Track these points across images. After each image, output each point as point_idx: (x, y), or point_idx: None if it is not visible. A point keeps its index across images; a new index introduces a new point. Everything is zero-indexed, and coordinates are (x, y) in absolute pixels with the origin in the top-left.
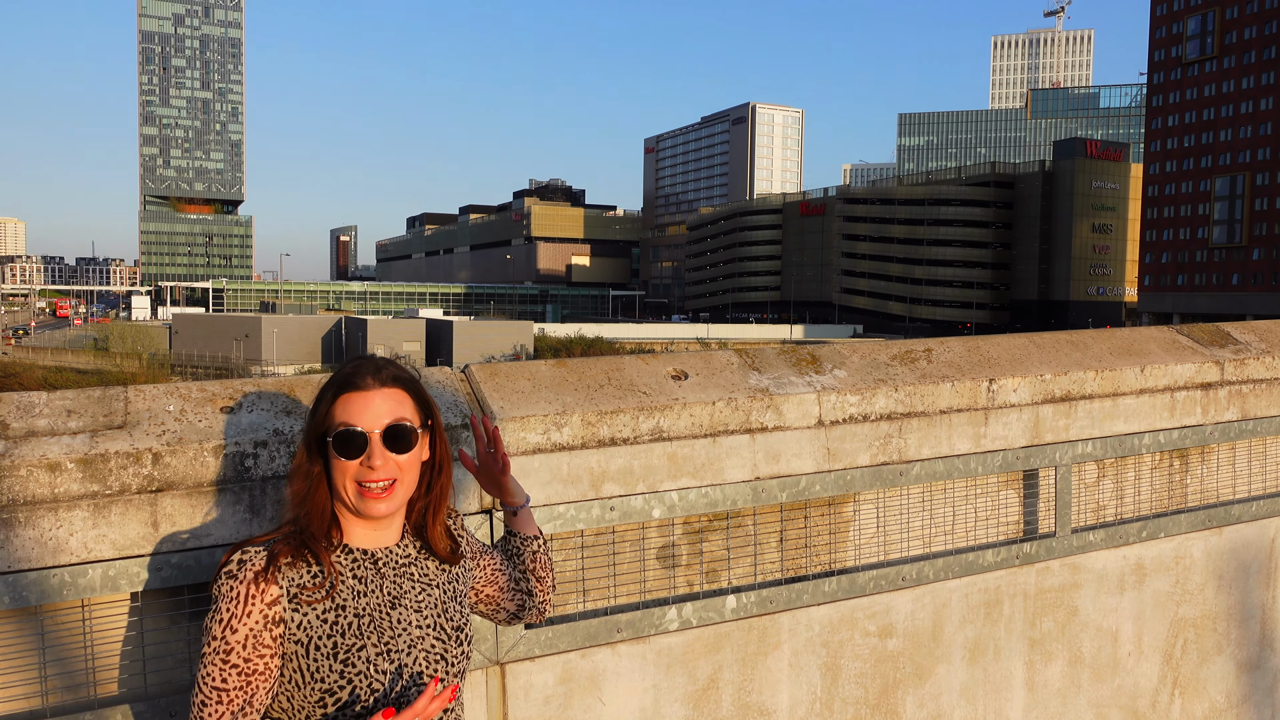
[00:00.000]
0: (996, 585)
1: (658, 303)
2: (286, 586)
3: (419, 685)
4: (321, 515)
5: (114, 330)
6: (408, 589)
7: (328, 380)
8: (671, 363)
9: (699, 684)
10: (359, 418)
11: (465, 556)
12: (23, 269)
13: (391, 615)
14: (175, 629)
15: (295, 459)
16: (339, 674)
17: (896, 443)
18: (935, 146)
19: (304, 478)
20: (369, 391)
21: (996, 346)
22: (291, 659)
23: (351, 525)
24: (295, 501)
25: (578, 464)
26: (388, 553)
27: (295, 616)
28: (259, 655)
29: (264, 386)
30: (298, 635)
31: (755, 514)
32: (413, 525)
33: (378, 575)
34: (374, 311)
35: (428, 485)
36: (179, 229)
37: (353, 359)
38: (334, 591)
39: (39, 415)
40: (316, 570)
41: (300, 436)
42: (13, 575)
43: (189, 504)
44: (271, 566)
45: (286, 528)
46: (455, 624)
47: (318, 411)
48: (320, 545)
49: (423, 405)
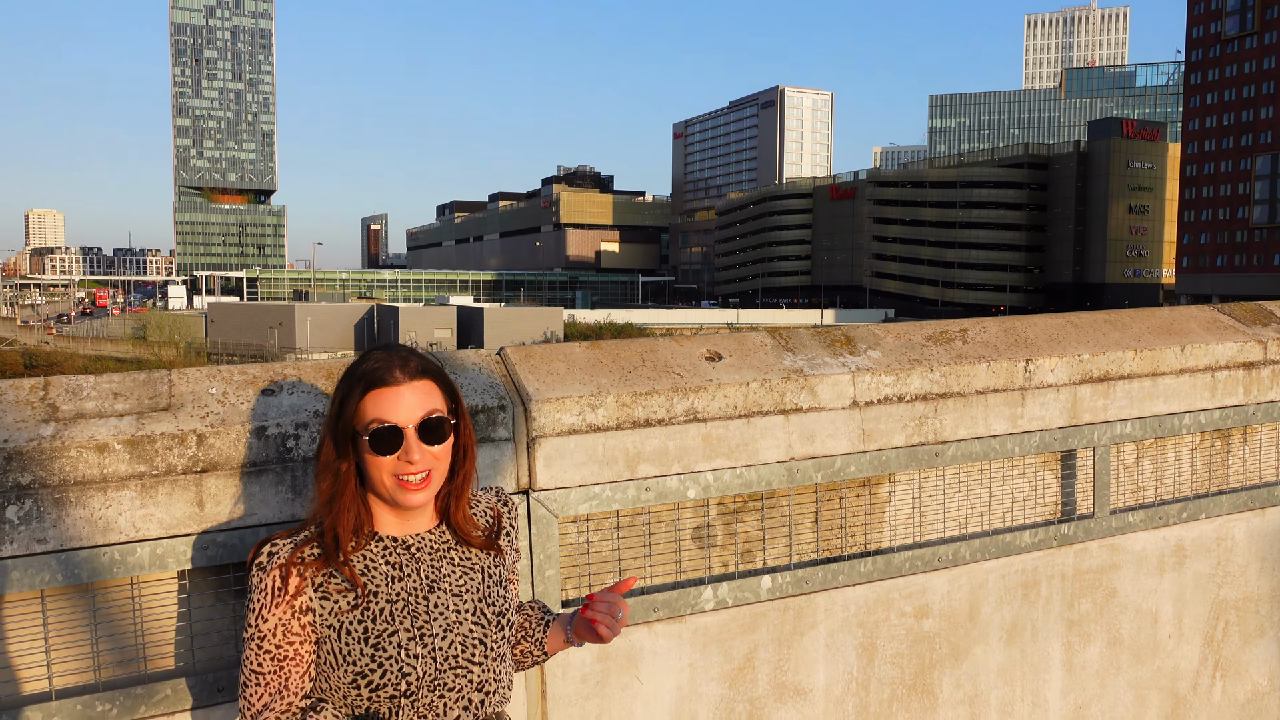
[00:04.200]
0: (1034, 566)
1: (687, 288)
2: (312, 578)
3: (455, 669)
4: (351, 513)
5: (151, 319)
6: (446, 573)
7: (350, 374)
8: (705, 344)
9: (735, 663)
10: (392, 413)
11: (504, 547)
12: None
13: (429, 599)
14: (221, 606)
15: (321, 456)
16: (370, 658)
17: (932, 423)
18: (967, 128)
19: (333, 476)
20: (399, 386)
21: (1033, 327)
22: (325, 642)
23: (383, 513)
24: (324, 500)
25: (613, 445)
26: (420, 539)
27: (325, 605)
28: (289, 643)
29: (303, 369)
30: (329, 621)
31: (790, 495)
32: (439, 511)
33: (412, 560)
34: (405, 299)
35: (452, 471)
36: (213, 219)
37: (372, 352)
38: (363, 581)
39: (87, 398)
40: (346, 560)
41: (323, 430)
42: (65, 553)
43: (233, 484)
44: (295, 561)
45: (315, 522)
46: (496, 609)
47: (346, 409)
48: (341, 556)
49: (449, 393)
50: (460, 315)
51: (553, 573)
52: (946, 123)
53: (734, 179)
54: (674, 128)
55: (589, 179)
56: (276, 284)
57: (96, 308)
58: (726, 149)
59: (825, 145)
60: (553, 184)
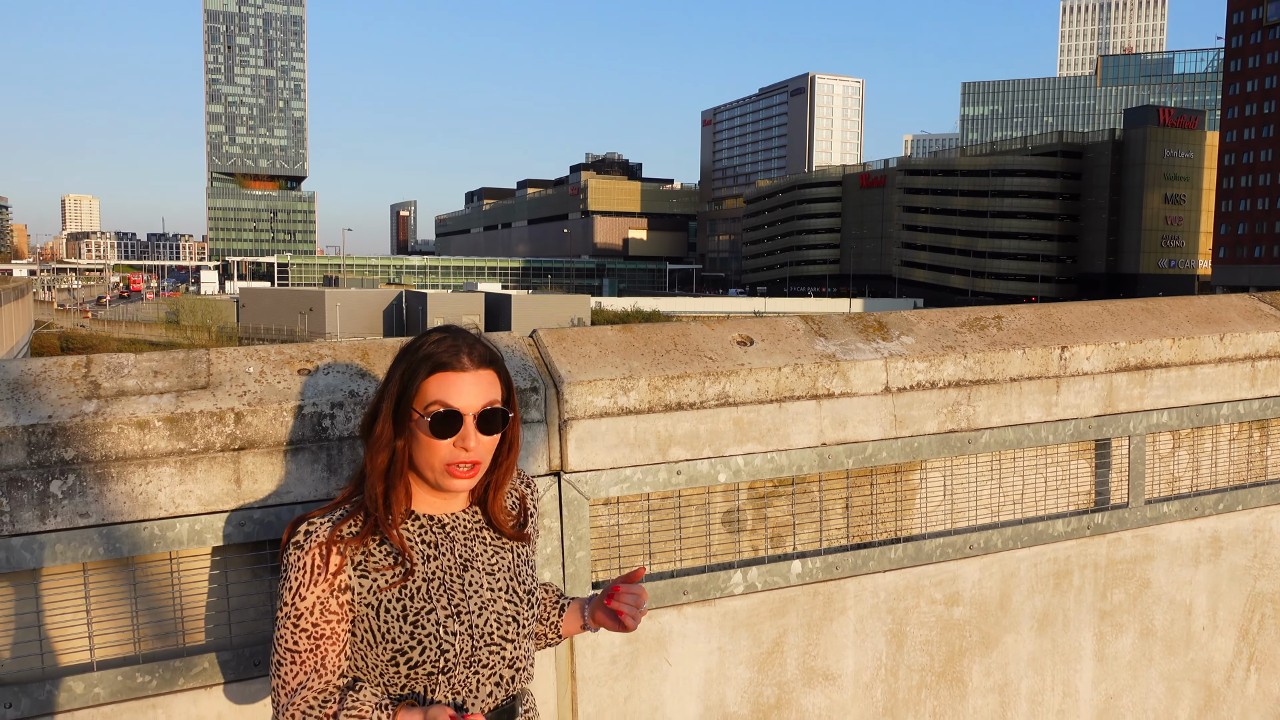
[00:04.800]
0: (1066, 555)
1: (714, 276)
2: (351, 555)
3: (490, 645)
4: (400, 489)
5: (184, 304)
6: (479, 552)
7: (413, 352)
8: (737, 329)
9: (764, 647)
10: (456, 398)
11: (530, 535)
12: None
13: (464, 578)
14: (257, 582)
15: (375, 431)
16: (409, 635)
17: (965, 410)
18: (1000, 116)
19: (387, 452)
20: (465, 373)
21: (1069, 314)
22: (363, 620)
23: (421, 493)
24: (376, 474)
25: (644, 428)
26: (454, 518)
27: (363, 583)
28: (326, 621)
29: (338, 350)
30: (367, 599)
31: (821, 480)
32: (475, 496)
33: (447, 539)
34: (433, 285)
35: (495, 462)
36: (245, 205)
37: (433, 333)
38: (403, 561)
39: (128, 375)
40: (383, 539)
41: (380, 406)
42: (106, 528)
43: (269, 462)
44: (335, 539)
45: (350, 494)
46: (527, 587)
47: (410, 387)
48: (391, 523)
49: (506, 385)
50: (488, 302)
51: (583, 554)
52: (979, 110)
53: (763, 167)
54: (703, 115)
55: (617, 166)
56: (307, 269)
57: (131, 292)
58: (756, 136)
59: (855, 133)
60: (581, 171)
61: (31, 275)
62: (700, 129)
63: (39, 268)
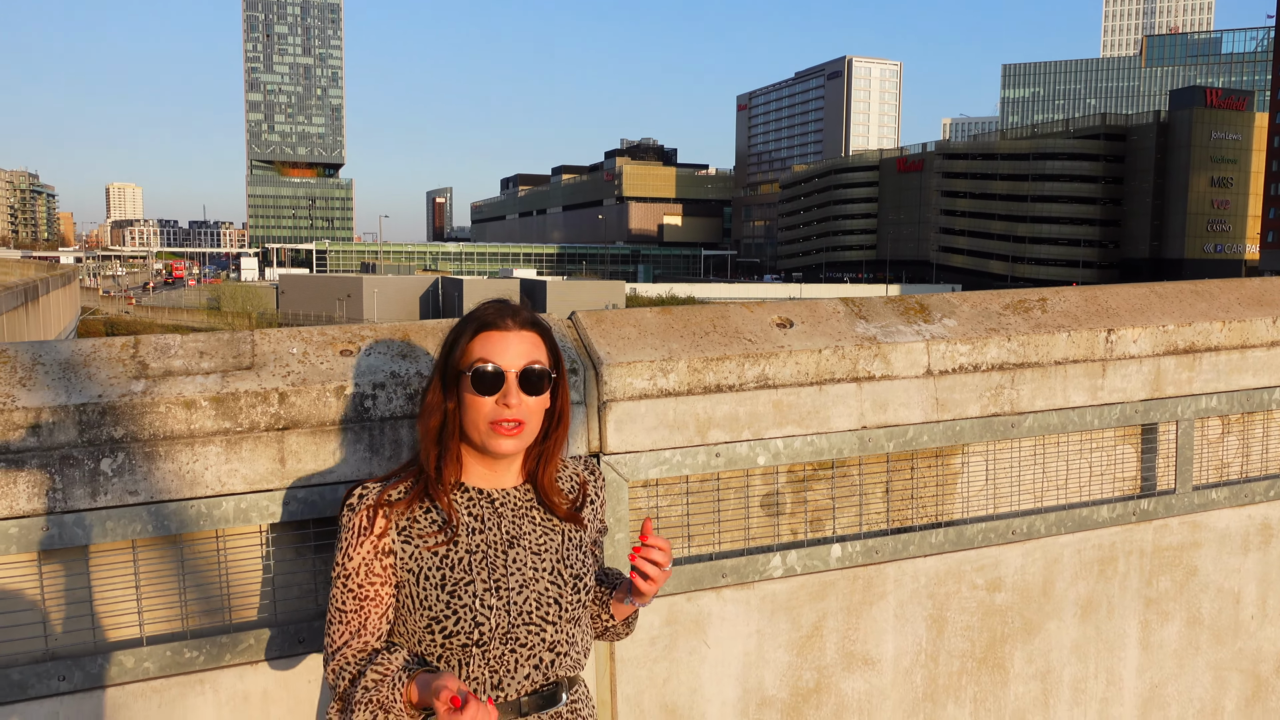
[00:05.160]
0: (1111, 542)
1: (750, 262)
2: (396, 520)
3: (528, 624)
4: (449, 453)
5: (225, 290)
6: (527, 530)
7: (463, 320)
8: (776, 311)
9: (803, 631)
10: (498, 356)
11: (585, 519)
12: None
13: (508, 554)
14: (301, 560)
15: (428, 397)
16: (445, 604)
17: (1008, 394)
18: (1041, 98)
19: (438, 414)
20: (508, 332)
21: (1115, 296)
22: (404, 585)
23: (472, 464)
24: (428, 438)
25: (683, 410)
26: (505, 494)
27: (406, 548)
28: (370, 583)
29: (379, 331)
30: (409, 565)
31: (861, 463)
32: (527, 472)
33: (495, 514)
34: (469, 272)
35: (545, 433)
36: (284, 192)
37: (489, 301)
38: (447, 528)
39: (175, 356)
40: (430, 507)
41: (432, 374)
42: (155, 505)
43: (313, 442)
44: (383, 502)
45: (407, 465)
46: (574, 572)
47: (455, 349)
48: (442, 487)
49: (553, 353)
50: (523, 288)
51: (622, 536)
52: (1020, 93)
53: (799, 151)
54: (738, 99)
55: (652, 152)
56: (345, 256)
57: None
58: (791, 121)
59: (893, 117)
60: (615, 157)
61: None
62: (735, 114)
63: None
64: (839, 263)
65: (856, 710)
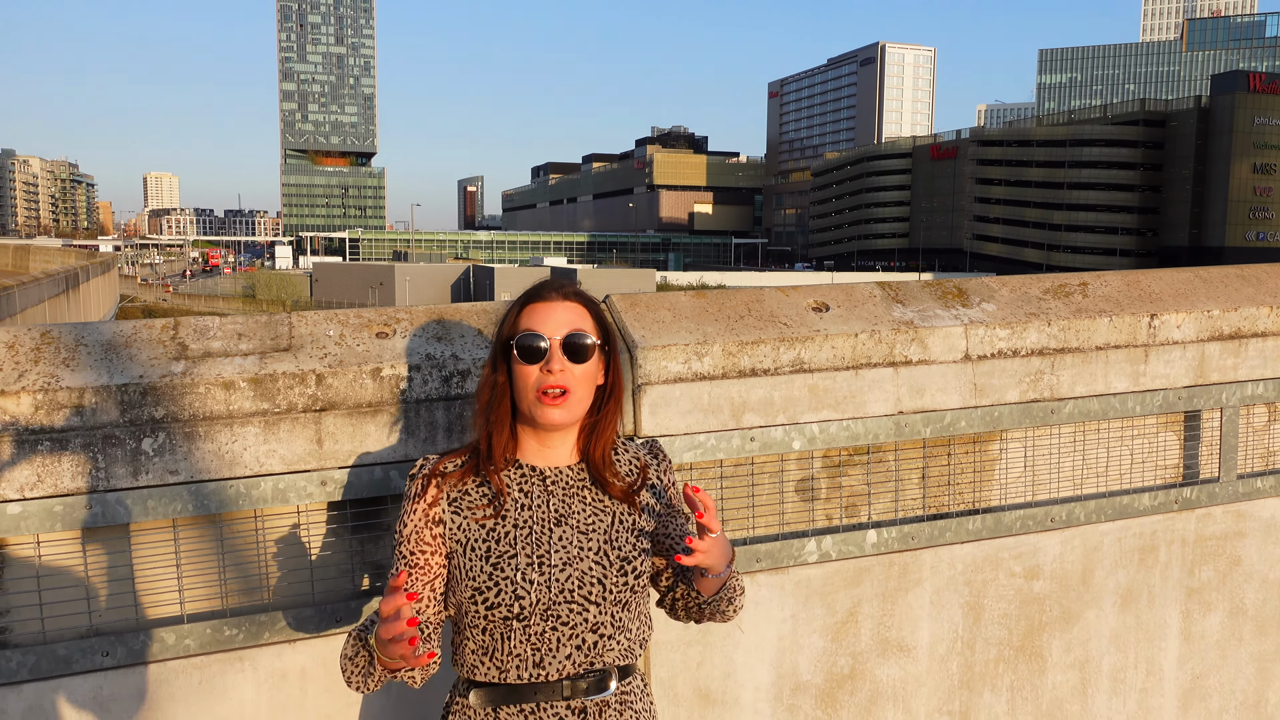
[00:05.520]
0: (1152, 530)
1: (780, 251)
2: (448, 491)
3: (570, 603)
4: (498, 426)
5: (260, 278)
6: (576, 509)
7: (516, 298)
8: (812, 295)
9: (838, 616)
10: (541, 325)
11: (642, 501)
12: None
13: (554, 532)
14: (337, 541)
15: (483, 373)
16: (488, 576)
17: (1048, 379)
18: (1079, 84)
19: (490, 388)
20: (552, 302)
21: (1158, 281)
22: (454, 556)
23: (527, 441)
24: (479, 413)
25: (718, 394)
26: (557, 472)
27: (455, 519)
28: (420, 550)
29: (415, 314)
30: (457, 535)
31: (897, 449)
32: (581, 449)
33: (545, 492)
34: (500, 260)
35: (597, 408)
36: (317, 181)
37: (541, 280)
38: (494, 502)
39: (213, 338)
40: (482, 481)
41: (490, 353)
42: (195, 485)
43: (349, 423)
44: (437, 472)
45: (471, 443)
46: (622, 554)
47: (504, 323)
48: (493, 462)
49: (601, 326)
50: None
51: None
52: (1056, 78)
53: (830, 139)
54: (769, 87)
55: (682, 140)
56: (377, 244)
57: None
58: (824, 108)
59: (926, 103)
60: (646, 145)
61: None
62: (767, 101)
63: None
64: (871, 251)
65: (891, 697)
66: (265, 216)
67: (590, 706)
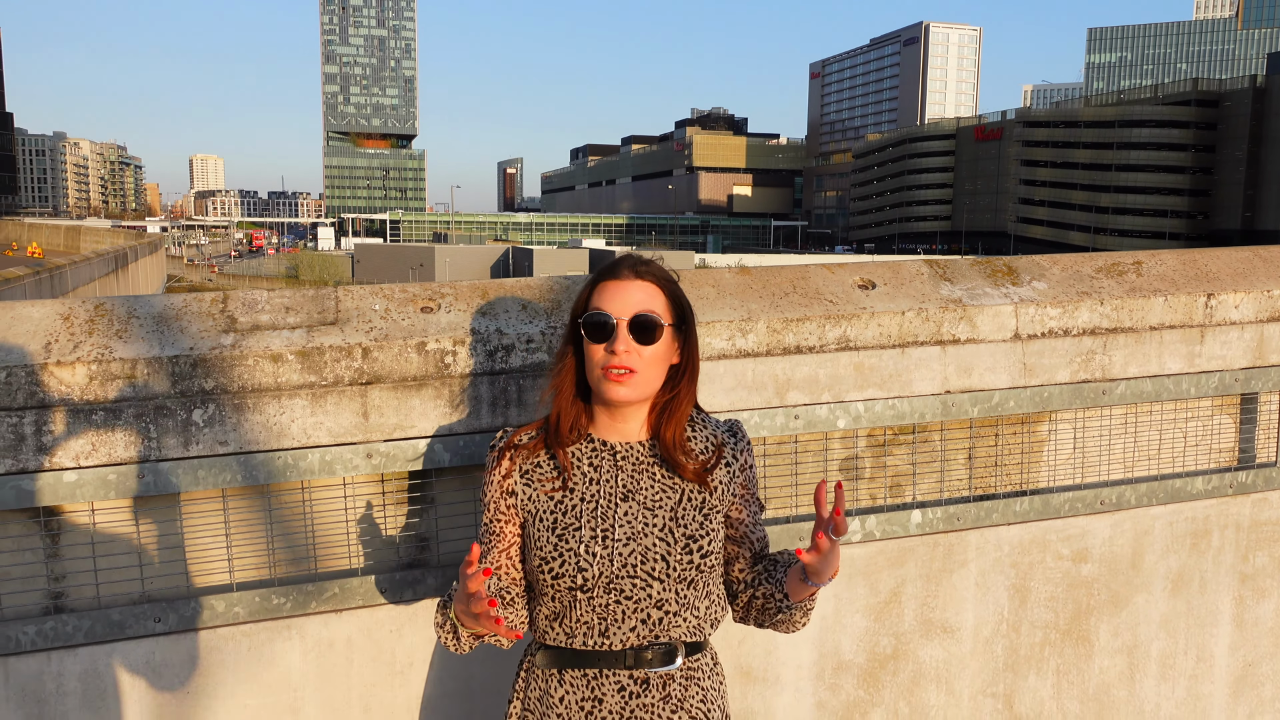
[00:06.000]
0: (1205, 515)
1: (820, 233)
2: (521, 463)
3: (633, 577)
4: (567, 401)
5: (303, 259)
6: (645, 485)
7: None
8: (858, 272)
9: (881, 596)
10: (610, 304)
11: (715, 482)
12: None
13: (620, 506)
14: (382, 513)
15: (559, 349)
16: (553, 546)
17: (1100, 359)
18: (1129, 63)
19: (559, 363)
20: (624, 282)
21: (1215, 260)
22: (525, 526)
23: (599, 415)
24: (552, 387)
25: (762, 371)
26: (628, 447)
27: (526, 490)
28: (497, 520)
29: (459, 290)
30: (528, 506)
31: (943, 428)
32: (652, 426)
33: (614, 466)
34: (539, 242)
35: (671, 386)
36: (358, 163)
37: (618, 255)
38: (563, 475)
39: (262, 311)
40: (553, 454)
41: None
42: (244, 455)
43: (394, 396)
44: (511, 445)
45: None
46: (688, 532)
47: (578, 300)
48: (559, 437)
49: (676, 306)
50: (593, 258)
51: None
52: (1105, 58)
53: (872, 120)
54: (811, 67)
55: (722, 121)
56: (417, 226)
57: (254, 248)
58: (865, 89)
59: (971, 84)
60: (685, 126)
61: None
62: (808, 82)
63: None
64: (912, 234)
65: (934, 678)
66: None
67: (654, 678)
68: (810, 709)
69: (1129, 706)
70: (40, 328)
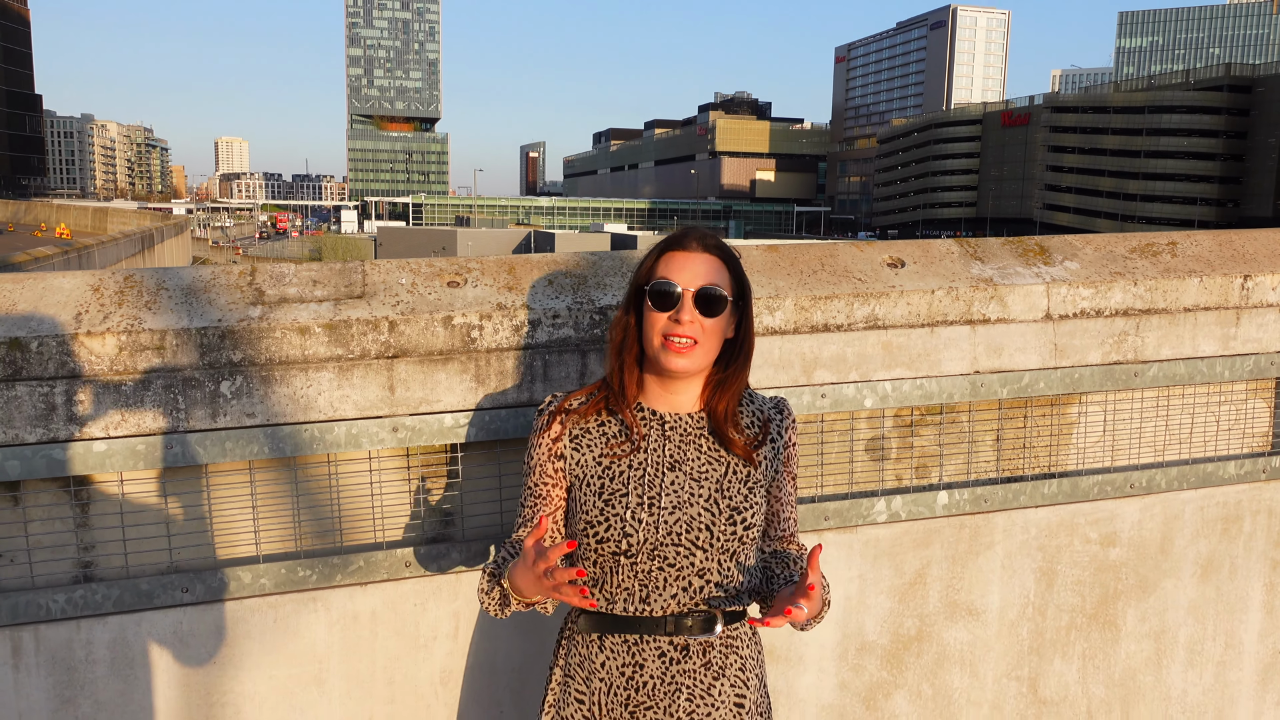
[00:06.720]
0: (1237, 500)
1: (844, 219)
2: (571, 428)
3: (677, 545)
4: (628, 366)
5: (326, 242)
6: (692, 456)
7: (658, 243)
8: (887, 251)
9: (906, 578)
10: (677, 275)
11: (761, 459)
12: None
13: (667, 476)
14: (407, 487)
15: (617, 314)
16: (599, 511)
17: (1132, 341)
18: (1160, 48)
19: (621, 329)
20: (691, 253)
21: (1252, 241)
22: (573, 489)
23: (651, 385)
24: (612, 349)
25: (789, 349)
26: (677, 418)
27: (575, 455)
28: (543, 482)
29: (486, 265)
30: (576, 470)
31: (971, 409)
32: (705, 399)
33: (662, 436)
34: (561, 226)
35: (726, 362)
36: (382, 146)
37: (684, 226)
38: (614, 441)
39: (289, 284)
40: (605, 420)
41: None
42: (271, 428)
43: (421, 370)
44: (562, 409)
45: (597, 382)
46: (732, 504)
47: (642, 267)
48: (625, 398)
49: (737, 282)
50: (614, 243)
51: None
52: (1136, 42)
53: (898, 105)
54: (836, 51)
55: (746, 106)
56: (440, 209)
57: (278, 230)
58: (891, 73)
59: (999, 69)
60: (709, 111)
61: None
62: (833, 66)
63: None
64: (937, 220)
65: (959, 660)
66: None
67: (693, 644)
68: (833, 689)
69: (1155, 692)
70: (71, 298)
